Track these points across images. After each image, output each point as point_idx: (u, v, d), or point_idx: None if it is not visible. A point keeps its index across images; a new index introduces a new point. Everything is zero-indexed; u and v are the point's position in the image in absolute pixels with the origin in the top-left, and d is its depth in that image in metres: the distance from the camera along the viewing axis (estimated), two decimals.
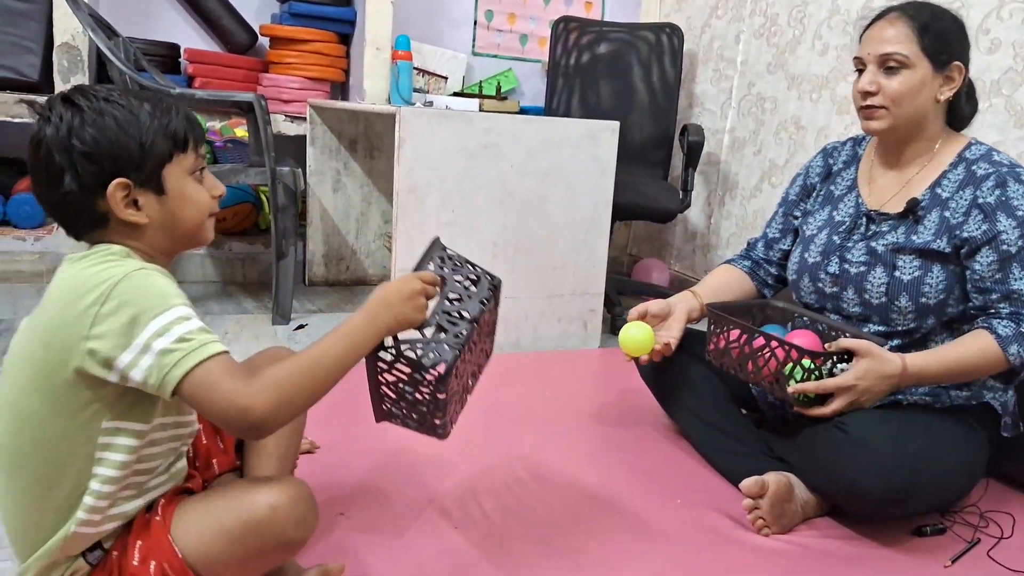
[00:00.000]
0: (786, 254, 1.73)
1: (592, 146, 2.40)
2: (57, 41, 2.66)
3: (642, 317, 1.63)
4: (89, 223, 0.96)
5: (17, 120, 2.66)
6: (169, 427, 1.00)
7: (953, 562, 1.35)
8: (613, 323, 2.72)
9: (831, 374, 1.37)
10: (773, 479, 1.40)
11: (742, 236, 2.97)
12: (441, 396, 1.05)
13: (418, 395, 1.07)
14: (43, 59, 2.70)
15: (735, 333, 1.49)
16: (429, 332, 1.09)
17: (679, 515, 1.46)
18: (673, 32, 3.12)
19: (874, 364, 1.34)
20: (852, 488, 1.33)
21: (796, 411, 1.41)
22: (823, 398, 1.38)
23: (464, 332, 1.09)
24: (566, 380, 2.22)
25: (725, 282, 1.75)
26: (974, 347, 1.38)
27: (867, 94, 1.45)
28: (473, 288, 1.18)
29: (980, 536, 1.44)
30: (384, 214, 3.17)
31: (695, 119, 3.26)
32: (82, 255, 0.95)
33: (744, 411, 1.70)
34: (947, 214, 1.43)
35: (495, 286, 1.19)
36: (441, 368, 1.03)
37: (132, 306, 0.88)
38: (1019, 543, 1.43)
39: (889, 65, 1.42)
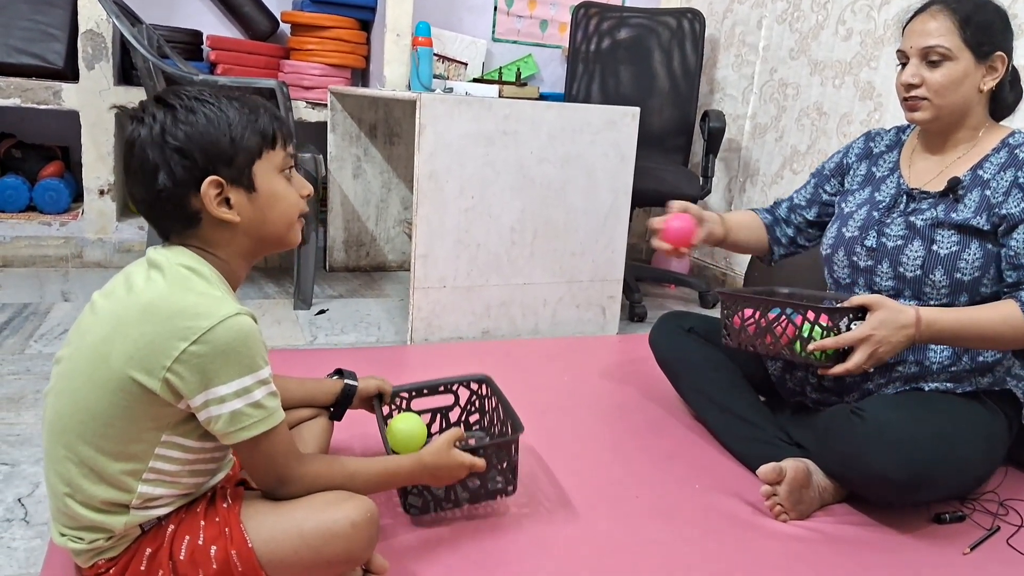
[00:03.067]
0: (807, 222, 1.75)
1: (612, 132, 2.40)
2: (82, 28, 2.69)
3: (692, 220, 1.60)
4: (181, 221, 0.98)
5: (43, 107, 2.69)
6: (224, 448, 1.03)
7: (972, 549, 1.35)
8: (632, 310, 2.72)
9: (840, 332, 1.38)
10: (791, 465, 1.40)
11: None
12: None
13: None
14: (68, 46, 2.73)
15: (749, 311, 1.51)
16: None
17: (697, 500, 1.47)
18: (694, 17, 3.10)
19: (888, 315, 1.34)
20: (870, 473, 1.33)
21: (820, 372, 1.42)
22: (843, 356, 1.38)
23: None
24: (584, 366, 2.22)
25: (745, 222, 1.77)
26: (995, 312, 1.37)
27: (910, 86, 1.45)
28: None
29: (999, 524, 1.43)
30: (404, 200, 3.19)
31: (716, 105, 3.24)
32: (166, 260, 0.97)
33: (762, 397, 1.70)
34: (988, 193, 1.44)
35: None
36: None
37: (220, 358, 0.91)
38: None
39: (931, 58, 1.43)
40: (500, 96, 2.66)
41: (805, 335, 1.41)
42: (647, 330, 1.88)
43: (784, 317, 1.44)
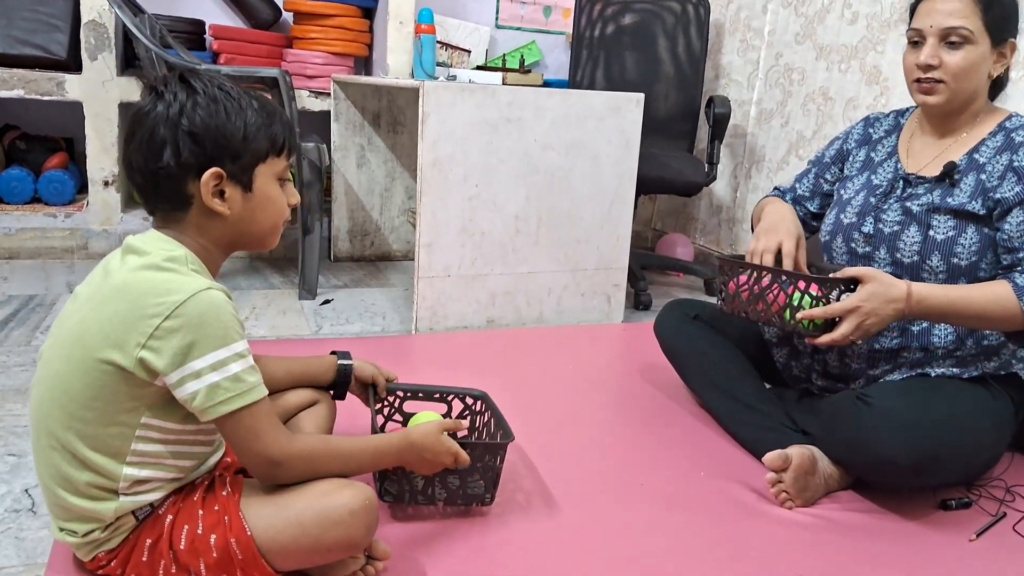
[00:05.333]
0: (811, 214, 1.72)
1: (616, 119, 2.38)
2: (84, 19, 2.68)
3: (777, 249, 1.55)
4: (172, 201, 0.99)
5: (47, 98, 2.69)
6: (208, 430, 1.03)
7: (978, 536, 1.35)
8: (637, 298, 2.72)
9: (830, 302, 1.38)
10: (796, 452, 1.40)
11: None
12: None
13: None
14: (71, 37, 2.73)
15: (743, 277, 1.51)
16: None
17: (702, 487, 1.47)
18: (699, 2, 3.07)
19: (878, 288, 1.34)
20: (876, 458, 1.32)
21: (808, 342, 1.43)
22: (831, 326, 1.38)
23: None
24: (589, 354, 2.22)
25: (788, 209, 1.69)
26: (988, 291, 1.37)
27: (928, 67, 1.42)
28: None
29: (1006, 510, 1.43)
30: (408, 189, 3.18)
31: (721, 91, 3.22)
32: (143, 245, 0.97)
33: (767, 385, 1.70)
34: (983, 177, 1.43)
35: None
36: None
37: (194, 331, 0.91)
38: None
39: (952, 39, 1.39)
40: (504, 83, 2.65)
41: (795, 303, 1.41)
42: (652, 318, 1.87)
43: (777, 285, 1.45)
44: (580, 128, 2.34)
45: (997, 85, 1.50)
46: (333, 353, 1.39)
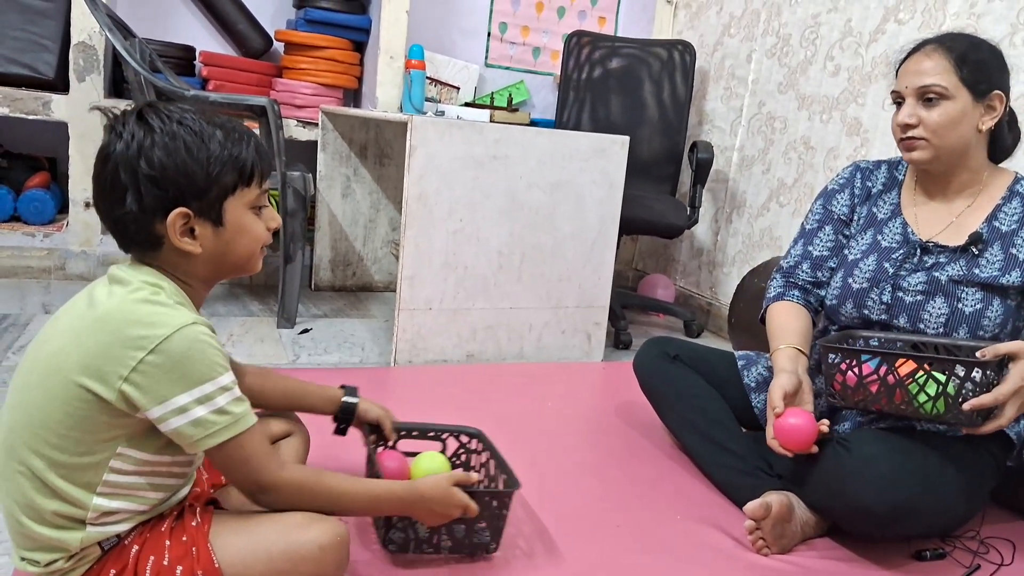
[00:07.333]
0: (832, 271, 1.63)
1: (601, 160, 2.41)
2: (74, 40, 2.68)
3: (789, 397, 1.43)
4: (142, 243, 0.97)
5: (31, 117, 2.68)
6: (182, 463, 1.01)
7: None
8: (617, 337, 2.72)
9: (976, 383, 1.28)
10: (776, 500, 1.39)
11: (749, 254, 2.97)
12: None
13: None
14: (59, 57, 2.73)
15: (868, 367, 1.36)
16: None
17: (678, 530, 1.46)
18: (685, 49, 3.14)
19: None
20: (854, 505, 1.32)
21: (967, 431, 1.31)
22: (988, 412, 1.28)
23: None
24: (568, 392, 2.21)
25: (803, 326, 1.58)
26: None
27: (907, 126, 1.44)
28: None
29: (980, 562, 1.43)
30: (392, 221, 3.19)
31: (704, 136, 3.27)
32: (128, 276, 0.96)
33: (744, 428, 1.69)
34: (1013, 250, 1.43)
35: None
36: None
37: (177, 368, 0.90)
38: (1019, 570, 1.42)
39: (928, 96, 1.41)
40: (491, 121, 2.67)
41: (951, 391, 1.29)
42: (632, 358, 1.88)
43: (922, 373, 1.30)
44: (565, 168, 2.36)
45: (1001, 144, 1.49)
46: (343, 387, 1.37)
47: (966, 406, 1.26)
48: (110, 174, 0.93)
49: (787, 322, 1.59)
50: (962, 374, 1.28)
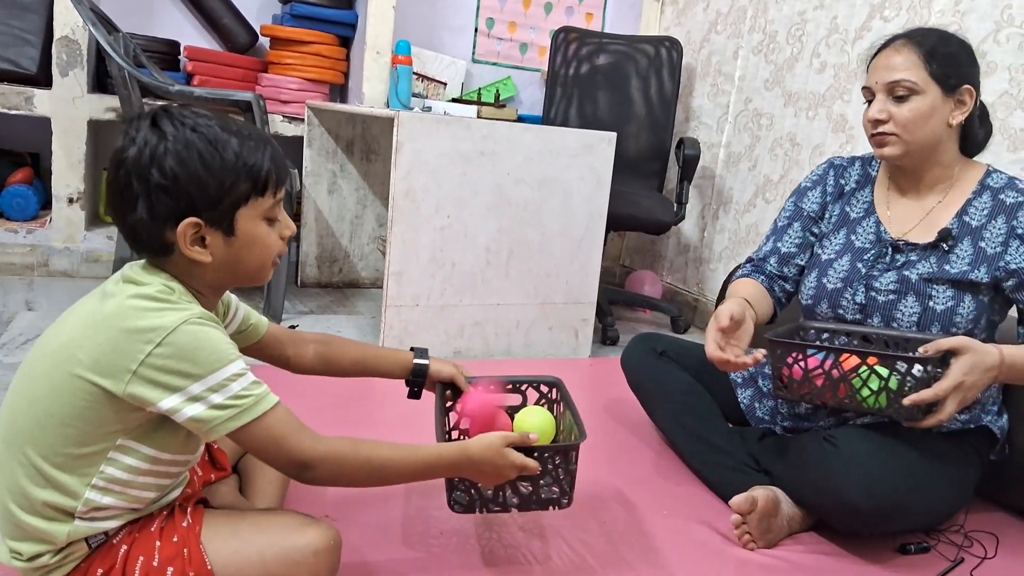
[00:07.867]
0: (802, 269, 1.65)
1: (588, 156, 2.41)
2: (57, 35, 2.66)
3: (734, 323, 1.44)
4: (154, 249, 0.96)
5: (13, 112, 2.65)
6: (179, 463, 1.01)
7: None
8: (604, 333, 2.73)
9: (916, 378, 1.29)
10: (761, 495, 1.40)
11: (735, 250, 2.98)
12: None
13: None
14: (42, 52, 2.70)
15: (814, 360, 1.38)
16: None
17: (665, 526, 1.46)
18: (672, 46, 3.14)
19: (976, 358, 1.27)
20: (839, 502, 1.33)
21: (908, 424, 1.32)
22: (929, 407, 1.30)
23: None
24: None
25: (757, 294, 1.60)
26: None
27: (878, 122, 1.44)
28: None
29: (964, 556, 1.44)
30: (379, 217, 3.18)
31: (691, 133, 3.28)
32: (140, 276, 0.95)
33: (730, 424, 1.70)
34: (982, 244, 1.43)
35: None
36: None
37: (188, 358, 0.89)
38: (1002, 563, 1.44)
39: (898, 93, 1.41)
40: (478, 117, 2.67)
41: (893, 386, 1.31)
42: (619, 354, 1.88)
43: (865, 367, 1.32)
44: (553, 164, 2.36)
45: (973, 138, 1.49)
46: (412, 349, 1.35)
47: (906, 401, 1.28)
48: (123, 180, 0.92)
49: (743, 289, 1.61)
50: (904, 369, 1.30)
